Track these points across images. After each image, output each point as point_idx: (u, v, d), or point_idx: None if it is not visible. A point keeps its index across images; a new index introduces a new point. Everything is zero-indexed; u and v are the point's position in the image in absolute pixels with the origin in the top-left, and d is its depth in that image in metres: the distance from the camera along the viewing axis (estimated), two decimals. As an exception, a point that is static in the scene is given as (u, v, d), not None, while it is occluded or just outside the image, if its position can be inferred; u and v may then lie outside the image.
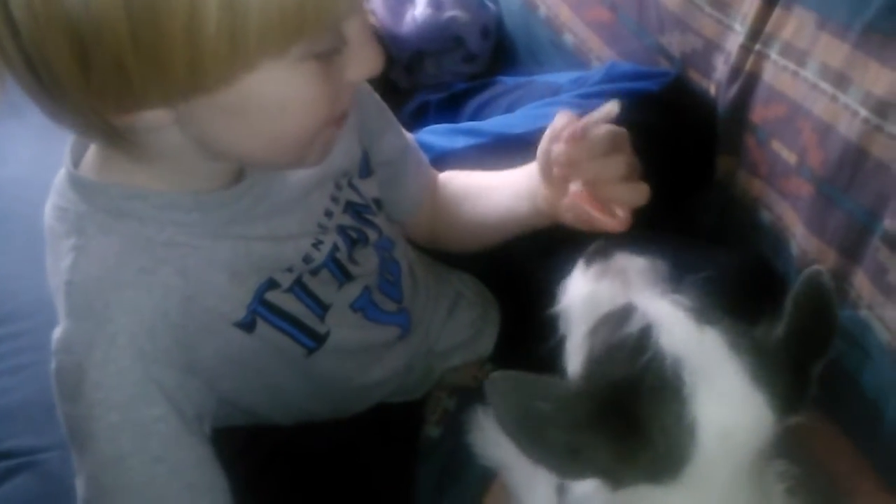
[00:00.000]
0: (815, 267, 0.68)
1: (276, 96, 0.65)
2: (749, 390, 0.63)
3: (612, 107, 0.80)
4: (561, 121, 0.82)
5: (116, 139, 0.66)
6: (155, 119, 0.64)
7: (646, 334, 0.65)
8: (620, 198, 0.81)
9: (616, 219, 0.81)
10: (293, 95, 0.65)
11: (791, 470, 0.69)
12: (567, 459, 0.62)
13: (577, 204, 0.82)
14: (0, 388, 1.15)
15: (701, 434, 0.62)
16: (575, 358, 0.71)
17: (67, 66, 0.58)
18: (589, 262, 0.77)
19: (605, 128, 0.80)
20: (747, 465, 0.64)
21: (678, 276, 0.74)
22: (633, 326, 0.66)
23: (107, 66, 0.58)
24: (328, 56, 0.66)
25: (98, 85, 0.59)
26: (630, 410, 0.62)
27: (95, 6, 0.55)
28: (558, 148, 0.80)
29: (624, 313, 0.68)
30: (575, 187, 0.82)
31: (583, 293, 0.75)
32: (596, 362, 0.68)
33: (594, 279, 0.75)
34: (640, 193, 0.82)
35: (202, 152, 0.70)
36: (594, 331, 0.70)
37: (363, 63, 0.69)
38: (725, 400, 0.63)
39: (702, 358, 0.64)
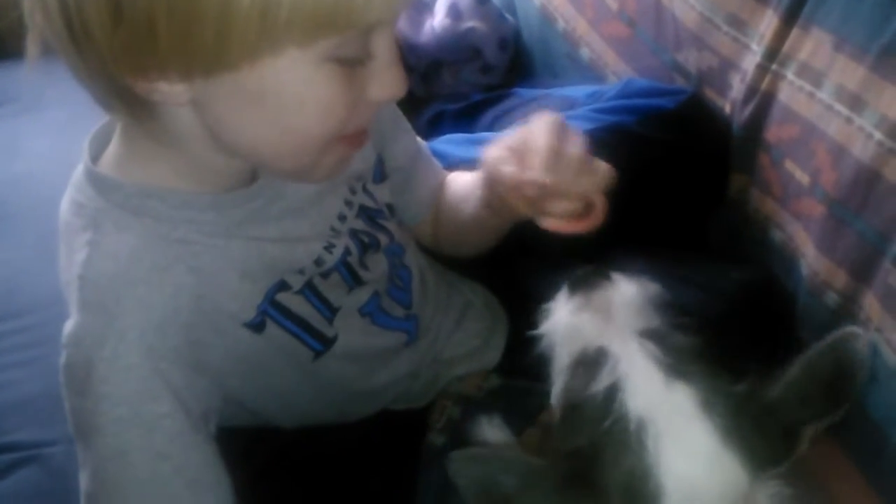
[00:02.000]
0: (853, 329, 0.65)
1: (294, 89, 0.65)
2: (717, 450, 0.62)
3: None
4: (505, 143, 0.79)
5: (131, 108, 0.67)
6: (172, 94, 0.64)
7: (612, 395, 0.65)
8: (581, 188, 0.77)
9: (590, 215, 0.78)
10: (311, 92, 0.66)
11: (784, 491, 0.68)
12: None
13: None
14: (8, 382, 1.16)
15: (665, 499, 0.61)
16: (556, 386, 0.71)
17: (99, 14, 0.59)
18: (573, 291, 0.76)
19: (575, 147, 0.77)
20: None
21: (666, 307, 0.73)
22: (601, 384, 0.66)
23: (138, 21, 0.58)
24: (352, 65, 0.66)
25: (125, 39, 0.60)
26: (592, 478, 0.62)
27: None
28: (530, 177, 0.75)
29: (595, 362, 0.68)
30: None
31: (563, 324, 0.74)
32: (565, 419, 0.68)
33: (576, 311, 0.74)
34: (600, 175, 0.78)
35: (212, 142, 0.70)
36: (570, 371, 0.70)
37: (386, 84, 0.69)
38: (691, 462, 0.62)
39: (668, 418, 0.63)
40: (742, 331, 0.98)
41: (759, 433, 0.63)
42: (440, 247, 1.09)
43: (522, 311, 1.10)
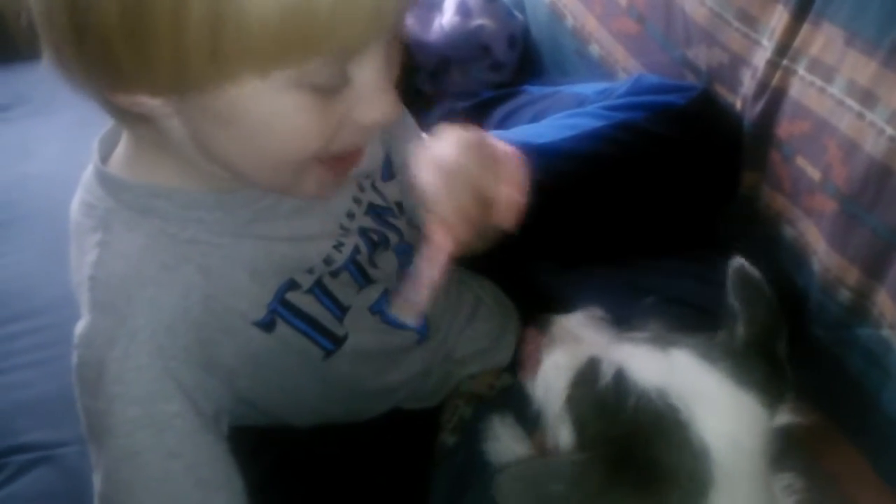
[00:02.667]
0: (736, 259, 0.69)
1: (261, 116, 0.63)
2: (737, 394, 0.64)
3: None
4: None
5: (121, 116, 0.67)
6: (153, 106, 0.64)
7: (621, 378, 0.65)
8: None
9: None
10: (279, 120, 0.64)
11: (797, 483, 0.68)
12: None
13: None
14: (21, 383, 1.17)
15: (714, 452, 0.61)
16: (563, 431, 0.70)
17: (64, 33, 0.59)
18: (544, 331, 0.76)
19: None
20: (762, 475, 0.64)
21: (629, 305, 0.73)
22: (606, 376, 0.66)
23: (96, 41, 0.58)
24: (328, 91, 0.64)
25: (89, 58, 0.60)
26: (640, 458, 0.62)
27: None
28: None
29: (591, 368, 0.68)
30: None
31: (545, 368, 0.74)
32: (586, 425, 0.67)
33: (549, 352, 0.74)
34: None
35: (199, 148, 0.70)
36: (570, 397, 0.70)
37: (369, 109, 0.67)
38: (721, 411, 0.63)
39: (681, 380, 0.64)
40: (689, 330, 0.98)
41: (756, 368, 0.65)
42: None
43: (534, 308, 1.10)
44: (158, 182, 0.74)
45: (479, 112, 1.51)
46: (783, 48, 1.09)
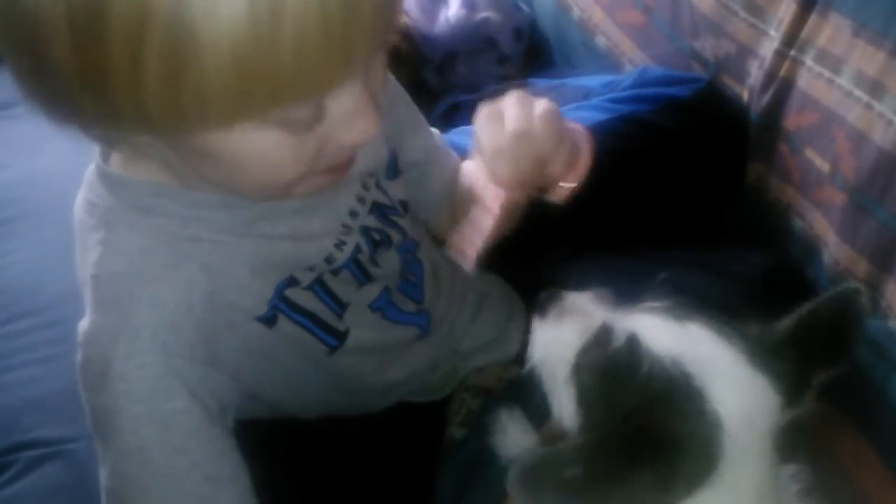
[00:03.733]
0: (856, 285, 0.67)
1: (236, 154, 0.62)
2: (752, 373, 0.62)
3: None
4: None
5: (112, 145, 0.67)
6: (134, 138, 0.63)
7: (634, 344, 0.64)
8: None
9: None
10: (256, 157, 0.63)
11: (803, 472, 0.68)
12: None
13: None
14: (30, 379, 1.17)
15: (727, 424, 0.60)
16: (566, 405, 0.69)
17: (26, 70, 0.58)
18: (543, 311, 0.74)
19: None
20: (770, 457, 0.63)
21: (636, 293, 0.72)
22: (619, 341, 0.64)
23: (57, 86, 0.57)
24: (305, 124, 0.62)
25: (52, 97, 0.58)
26: (651, 427, 0.60)
27: (41, 25, 0.53)
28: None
29: (602, 336, 0.67)
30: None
31: (549, 340, 0.73)
32: (594, 391, 0.66)
33: (555, 323, 0.73)
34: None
35: (193, 173, 0.70)
36: (576, 367, 0.68)
37: (349, 133, 0.65)
38: (736, 385, 0.62)
39: (696, 350, 0.62)
40: (760, 317, 0.97)
41: (777, 362, 0.63)
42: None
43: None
44: (159, 180, 0.74)
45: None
46: (791, 39, 1.08)
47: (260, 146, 0.62)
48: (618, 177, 1.13)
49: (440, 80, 1.66)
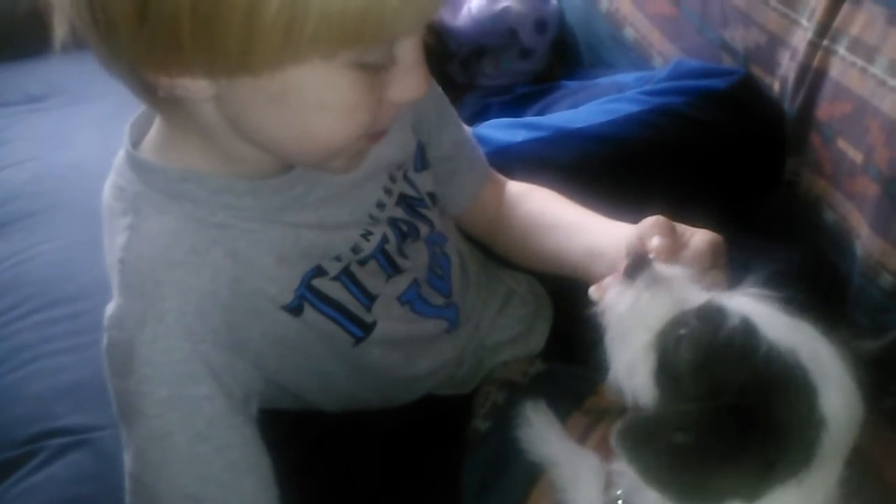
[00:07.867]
0: None
1: (317, 95, 0.65)
2: (854, 384, 0.61)
3: None
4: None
5: (154, 100, 0.67)
6: (195, 89, 0.65)
7: (750, 328, 0.62)
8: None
9: None
10: (334, 98, 0.66)
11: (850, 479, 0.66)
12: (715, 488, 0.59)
13: None
14: (59, 367, 1.18)
15: (830, 427, 0.59)
16: (638, 371, 0.67)
17: (124, 11, 0.59)
18: (632, 274, 0.73)
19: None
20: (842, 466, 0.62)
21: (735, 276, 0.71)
22: (732, 321, 0.62)
23: (163, 21, 0.59)
24: (375, 69, 0.66)
25: (149, 38, 0.60)
26: (765, 413, 0.59)
27: None
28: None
29: (709, 312, 0.65)
30: None
31: (632, 303, 0.71)
32: (692, 366, 0.64)
33: (642, 289, 0.71)
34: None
35: (233, 132, 0.70)
36: (669, 337, 0.66)
37: (407, 86, 0.69)
38: (842, 390, 0.60)
39: (811, 347, 0.61)
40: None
41: (866, 377, 0.62)
42: (493, 245, 1.07)
43: (567, 296, 1.10)
44: (189, 167, 0.74)
45: (516, 106, 1.50)
46: (823, 28, 1.07)
47: (341, 86, 0.65)
48: (651, 168, 1.13)
49: (466, 76, 1.65)
